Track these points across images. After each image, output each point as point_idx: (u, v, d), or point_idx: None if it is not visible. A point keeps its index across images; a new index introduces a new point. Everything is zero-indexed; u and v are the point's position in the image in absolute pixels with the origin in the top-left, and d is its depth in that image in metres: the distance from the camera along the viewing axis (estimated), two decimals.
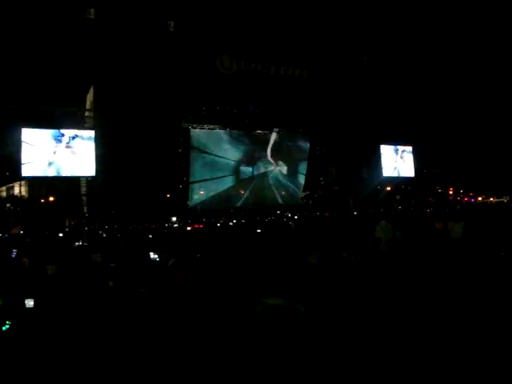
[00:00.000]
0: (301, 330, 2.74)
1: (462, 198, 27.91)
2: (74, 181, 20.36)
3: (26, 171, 17.92)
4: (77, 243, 8.60)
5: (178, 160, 22.41)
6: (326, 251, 4.21)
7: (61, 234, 12.91)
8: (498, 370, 2.81)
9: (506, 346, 3.02)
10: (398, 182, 26.34)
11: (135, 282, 4.03)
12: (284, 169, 24.54)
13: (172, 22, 20.86)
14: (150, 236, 12.14)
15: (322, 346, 2.85)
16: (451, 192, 28.74)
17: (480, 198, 27.39)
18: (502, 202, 24.26)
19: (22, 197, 19.98)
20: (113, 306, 3.28)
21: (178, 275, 3.96)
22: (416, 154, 26.13)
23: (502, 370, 2.81)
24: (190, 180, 22.51)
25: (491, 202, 26.30)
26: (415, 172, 26.24)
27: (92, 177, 19.87)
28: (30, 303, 3.98)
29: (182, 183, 22.66)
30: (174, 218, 20.12)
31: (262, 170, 24.05)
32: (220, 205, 23.21)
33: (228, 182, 23.50)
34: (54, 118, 19.02)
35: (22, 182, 19.84)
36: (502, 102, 24.48)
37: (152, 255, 5.40)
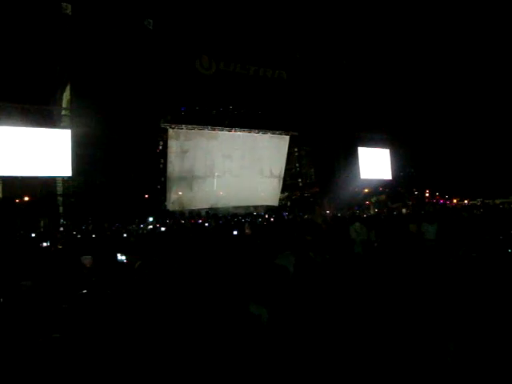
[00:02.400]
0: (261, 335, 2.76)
1: (437, 201, 28.39)
2: (49, 181, 20.01)
3: (0, 170, 17.58)
4: (46, 244, 8.44)
5: (156, 160, 22.23)
6: (294, 253, 4.25)
7: (33, 235, 12.65)
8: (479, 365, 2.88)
9: (479, 340, 3.09)
10: (375, 184, 26.69)
11: (103, 283, 3.98)
12: (262, 170, 24.56)
13: (151, 21, 20.68)
14: (122, 237, 11.98)
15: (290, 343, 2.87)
16: (427, 194, 29.23)
17: (455, 201, 27.90)
18: (476, 204, 24.76)
19: None
20: (76, 307, 3.25)
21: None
22: (393, 157, 26.54)
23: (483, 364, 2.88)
24: (168, 180, 22.36)
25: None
26: (392, 174, 26.65)
27: (68, 177, 19.61)
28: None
29: (160, 184, 22.48)
30: (151, 219, 19.93)
31: (241, 170, 24.02)
32: (198, 205, 23.14)
33: (206, 183, 23.40)
34: (29, 117, 18.67)
35: None
36: (479, 107, 25.03)
37: (119, 257, 5.32)
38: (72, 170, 18.98)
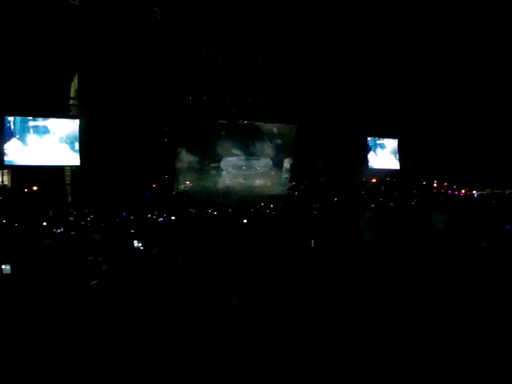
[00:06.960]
0: None
1: (446, 191, 28.23)
2: (58, 170, 20.12)
3: (9, 160, 17.68)
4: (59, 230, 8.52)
5: (164, 150, 22.24)
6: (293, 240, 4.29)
7: (44, 224, 12.77)
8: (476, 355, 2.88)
9: (484, 328, 3.09)
10: (384, 174, 26.57)
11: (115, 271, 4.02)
12: (270, 160, 24.48)
13: (159, 10, 20.59)
14: (135, 226, 12.06)
15: None
16: (435, 185, 29.06)
17: (463, 191, 27.71)
18: (484, 194, 24.58)
19: (4, 186, 19.67)
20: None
21: None
22: (401, 147, 26.40)
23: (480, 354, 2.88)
24: (176, 170, 22.37)
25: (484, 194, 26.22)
26: (400, 164, 26.54)
27: (76, 166, 19.70)
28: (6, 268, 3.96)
29: (168, 173, 22.51)
30: (160, 208, 19.99)
31: (248, 160, 23.96)
32: (206, 195, 23.14)
33: (214, 173, 23.40)
34: (37, 106, 18.72)
35: (5, 171, 19.52)
36: (486, 95, 24.77)
37: (136, 243, 5.36)
38: (80, 159, 19.08)
